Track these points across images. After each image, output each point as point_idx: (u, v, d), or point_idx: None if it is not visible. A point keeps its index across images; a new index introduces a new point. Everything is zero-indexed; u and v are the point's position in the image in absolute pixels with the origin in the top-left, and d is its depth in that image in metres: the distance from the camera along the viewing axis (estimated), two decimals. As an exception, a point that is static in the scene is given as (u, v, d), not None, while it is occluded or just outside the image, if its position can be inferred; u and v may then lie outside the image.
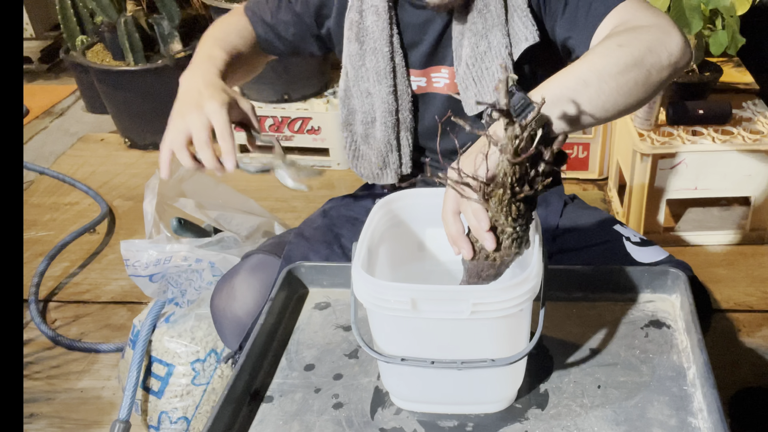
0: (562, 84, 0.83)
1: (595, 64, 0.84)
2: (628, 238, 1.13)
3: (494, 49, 1.07)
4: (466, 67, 1.09)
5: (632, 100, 0.86)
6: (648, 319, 0.94)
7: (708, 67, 2.14)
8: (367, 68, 1.15)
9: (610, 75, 0.83)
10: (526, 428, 0.80)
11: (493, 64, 1.08)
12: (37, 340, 1.92)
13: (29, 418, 1.69)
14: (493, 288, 0.75)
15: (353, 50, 1.16)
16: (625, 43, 0.86)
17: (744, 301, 1.95)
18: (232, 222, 1.67)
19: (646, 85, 0.86)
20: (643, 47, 0.86)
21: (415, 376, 0.80)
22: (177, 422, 1.51)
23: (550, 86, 0.84)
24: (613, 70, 0.84)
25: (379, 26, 1.12)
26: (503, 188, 0.73)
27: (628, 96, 0.85)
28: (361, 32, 1.14)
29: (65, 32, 2.97)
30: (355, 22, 1.14)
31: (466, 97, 1.10)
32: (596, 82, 0.83)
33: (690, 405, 0.80)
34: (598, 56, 0.86)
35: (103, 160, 2.87)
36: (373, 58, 1.14)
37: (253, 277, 1.16)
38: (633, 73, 0.84)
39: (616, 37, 0.88)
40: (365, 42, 1.14)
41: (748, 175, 2.04)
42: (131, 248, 1.50)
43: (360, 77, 1.17)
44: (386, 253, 0.89)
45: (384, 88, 1.15)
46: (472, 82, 1.09)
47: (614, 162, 2.36)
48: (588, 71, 0.84)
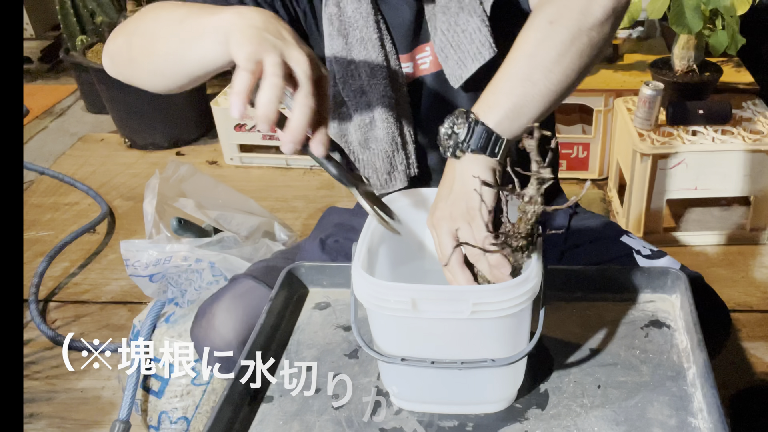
0: (510, 92, 0.81)
1: (534, 57, 0.81)
2: (638, 251, 1.11)
3: (467, 7, 1.01)
4: (442, 35, 1.02)
5: (584, 68, 0.83)
6: (648, 319, 0.93)
7: (708, 67, 2.14)
8: (357, 63, 1.06)
9: (552, 62, 0.81)
10: (526, 428, 0.80)
11: (470, 25, 1.01)
12: (37, 340, 1.92)
13: (29, 418, 1.69)
14: (493, 288, 0.75)
15: (337, 47, 1.05)
16: (555, 18, 0.82)
17: (744, 301, 1.95)
18: (232, 222, 1.67)
19: (593, 47, 0.83)
20: (575, 13, 0.82)
21: (415, 376, 0.80)
22: (177, 422, 1.51)
23: (498, 100, 0.81)
24: (554, 55, 0.81)
25: (362, 13, 1.03)
26: (531, 237, 0.76)
27: (579, 69, 0.82)
28: (344, 24, 1.04)
29: (65, 32, 2.97)
30: (335, 16, 1.04)
31: (447, 68, 1.04)
32: (542, 76, 0.80)
33: (690, 405, 0.80)
34: (533, 45, 0.82)
35: (103, 160, 2.87)
36: (363, 50, 1.04)
37: (236, 305, 1.07)
38: (575, 47, 0.81)
39: (544, 12, 0.84)
40: (350, 34, 1.04)
41: (748, 175, 2.04)
42: (131, 248, 1.50)
43: (349, 76, 1.06)
44: (386, 253, 0.89)
45: (380, 80, 1.06)
46: (450, 49, 1.03)
47: (614, 162, 2.36)
48: (530, 67, 0.81)
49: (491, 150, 0.80)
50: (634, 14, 2.00)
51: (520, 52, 0.82)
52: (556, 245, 1.15)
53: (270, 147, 2.70)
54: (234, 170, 2.74)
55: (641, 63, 2.41)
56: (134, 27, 0.91)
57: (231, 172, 2.72)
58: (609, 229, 1.19)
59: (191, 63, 0.81)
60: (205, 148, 2.92)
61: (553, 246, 1.14)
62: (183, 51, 0.81)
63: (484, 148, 0.80)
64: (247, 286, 1.10)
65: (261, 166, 2.72)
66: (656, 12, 1.93)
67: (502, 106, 0.80)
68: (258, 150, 2.75)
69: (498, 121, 0.80)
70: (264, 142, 2.70)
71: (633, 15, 2.00)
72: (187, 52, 0.81)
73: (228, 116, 2.66)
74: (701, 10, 1.88)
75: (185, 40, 0.81)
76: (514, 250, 0.77)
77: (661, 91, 2.01)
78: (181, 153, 2.92)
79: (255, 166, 2.75)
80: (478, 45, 1.00)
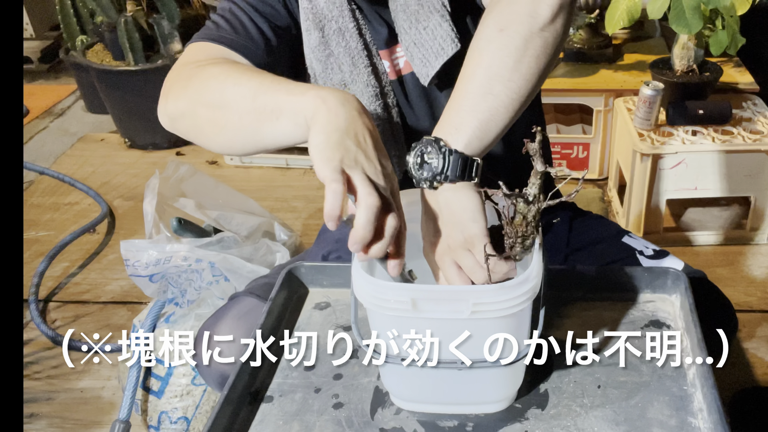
0: (473, 109, 0.79)
1: (490, 68, 0.79)
2: (641, 252, 1.10)
3: (426, 4, 0.99)
4: (405, 34, 1.01)
5: (544, 69, 0.81)
6: (648, 319, 0.93)
7: (708, 67, 2.14)
8: (336, 55, 1.03)
9: (510, 70, 0.79)
10: (526, 428, 0.80)
11: (431, 21, 0.98)
12: (37, 340, 1.92)
13: (29, 418, 1.69)
14: (493, 288, 0.75)
15: (314, 41, 1.02)
16: (504, 24, 0.80)
17: (744, 301, 1.95)
18: (232, 222, 1.67)
19: (548, 47, 0.81)
20: (523, 17, 0.80)
21: (415, 376, 0.80)
22: (177, 422, 1.51)
23: (463, 120, 0.79)
24: (510, 63, 0.79)
25: (336, 3, 1.01)
26: (532, 234, 0.77)
27: (538, 72, 0.80)
28: (318, 17, 1.01)
29: (65, 32, 2.97)
30: (308, 9, 1.01)
31: (415, 67, 1.02)
32: (502, 87, 0.78)
33: (690, 405, 0.80)
34: (487, 56, 0.80)
35: (103, 160, 2.87)
36: (341, 40, 1.02)
37: (239, 326, 1.02)
38: (529, 50, 0.79)
39: (492, 19, 0.81)
40: (326, 26, 1.02)
41: (748, 175, 2.04)
42: (131, 248, 1.50)
43: (329, 69, 1.04)
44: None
45: (362, 69, 1.03)
46: (414, 48, 1.01)
47: (614, 162, 2.36)
48: (488, 80, 0.79)
49: (468, 175, 0.79)
50: (634, 14, 2.00)
51: (475, 64, 0.80)
52: (559, 250, 1.15)
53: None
54: (234, 170, 2.74)
55: (641, 63, 2.41)
56: (198, 94, 0.88)
57: (231, 172, 2.72)
58: (610, 230, 1.18)
59: (266, 140, 0.82)
60: (205, 148, 2.92)
61: (556, 251, 1.14)
62: (258, 128, 0.81)
63: (462, 175, 0.78)
64: (250, 304, 1.06)
65: (261, 166, 2.72)
66: (656, 12, 1.93)
67: (468, 125, 0.78)
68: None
69: (467, 142, 0.78)
70: (264, 142, 2.69)
71: (633, 15, 2.00)
72: (263, 130, 0.81)
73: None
74: (701, 10, 1.88)
75: (260, 119, 0.80)
76: (510, 247, 0.78)
77: (661, 91, 2.01)
78: (181, 153, 2.92)
79: (255, 166, 2.74)
80: (440, 41, 0.99)
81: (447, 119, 0.80)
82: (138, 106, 2.83)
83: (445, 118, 0.80)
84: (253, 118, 0.81)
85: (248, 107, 0.82)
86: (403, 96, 1.08)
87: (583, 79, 2.33)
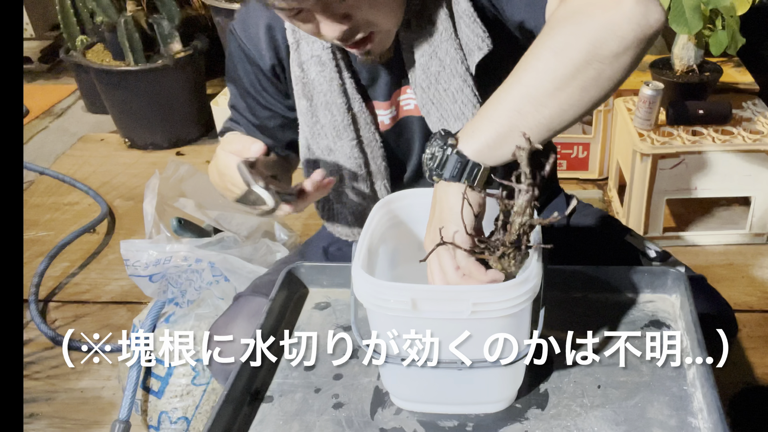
0: (495, 120, 0.75)
1: (527, 87, 0.74)
2: (643, 253, 1.09)
3: (448, 67, 0.97)
4: (422, 90, 1.00)
5: (590, 102, 0.75)
6: (648, 319, 0.94)
7: (708, 67, 2.14)
8: (323, 124, 1.04)
9: (547, 95, 0.73)
10: (526, 428, 0.80)
11: (452, 84, 0.97)
12: (37, 340, 1.92)
13: (29, 418, 1.69)
14: (493, 288, 0.75)
15: (303, 107, 1.04)
16: (560, 48, 0.73)
17: (744, 301, 1.94)
18: (232, 222, 1.67)
19: (601, 80, 0.73)
20: (584, 44, 0.72)
21: (415, 376, 0.80)
22: (177, 422, 1.51)
23: (482, 127, 0.76)
24: (550, 88, 0.73)
25: (326, 77, 1.00)
26: (519, 247, 0.75)
27: (581, 104, 0.74)
28: (308, 87, 1.02)
29: (65, 32, 2.97)
30: (299, 78, 1.02)
31: (430, 122, 1.02)
32: (532, 109, 0.74)
33: (690, 405, 0.80)
34: (530, 74, 0.75)
35: (103, 160, 2.87)
36: (328, 113, 1.03)
37: (252, 325, 1.00)
38: (578, 81, 0.73)
39: (551, 38, 0.75)
40: (314, 97, 1.03)
41: (748, 175, 2.04)
42: (131, 248, 1.50)
43: (317, 134, 1.05)
44: (386, 253, 0.89)
45: (346, 142, 1.04)
46: (432, 106, 1.00)
47: (614, 162, 2.36)
48: (521, 98, 0.74)
49: (467, 178, 0.77)
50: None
51: (515, 79, 0.76)
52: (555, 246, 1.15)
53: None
54: (234, 170, 2.74)
55: (641, 63, 2.41)
56: None
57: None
58: (610, 228, 1.18)
59: None
60: (205, 148, 2.92)
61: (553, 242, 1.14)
62: None
63: (458, 177, 0.77)
64: (259, 303, 1.05)
65: (261, 166, 2.71)
66: (656, 12, 1.93)
67: (483, 133, 0.76)
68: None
69: (477, 149, 0.77)
70: (264, 142, 2.69)
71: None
72: None
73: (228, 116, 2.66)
74: (701, 10, 1.88)
75: None
76: (500, 257, 0.76)
77: (661, 91, 2.01)
78: (181, 153, 2.92)
79: (255, 166, 2.74)
80: (461, 105, 0.98)
81: (471, 121, 0.79)
82: (138, 106, 2.83)
83: (471, 120, 0.80)
84: None
85: None
86: (402, 136, 1.08)
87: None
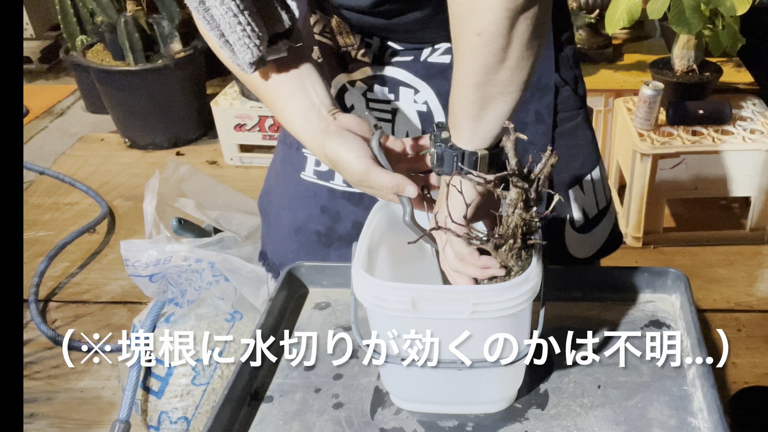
0: (465, 112, 0.74)
1: (471, 68, 0.71)
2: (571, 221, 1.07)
3: None
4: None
5: (535, 55, 0.72)
6: (648, 319, 0.94)
7: (708, 67, 2.14)
8: None
9: (493, 69, 0.71)
10: (526, 428, 0.80)
11: None
12: (37, 340, 1.92)
13: (29, 418, 1.69)
14: (493, 288, 0.75)
15: None
16: (481, 29, 0.69)
17: (744, 301, 1.95)
18: (232, 222, 1.67)
19: (535, 29, 0.69)
20: (499, 15, 0.67)
21: (415, 376, 0.80)
22: (177, 422, 1.51)
23: (459, 123, 0.75)
24: (494, 61, 0.70)
25: None
26: (514, 238, 0.75)
27: (527, 60, 0.71)
28: None
29: (65, 32, 2.97)
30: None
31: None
32: (486, 81, 0.71)
33: (690, 405, 0.80)
34: (465, 61, 0.72)
35: (103, 160, 2.87)
36: None
37: None
38: (514, 42, 0.69)
39: (470, 22, 0.71)
40: None
41: (748, 175, 2.04)
42: (131, 248, 1.50)
43: None
44: (386, 253, 0.89)
45: None
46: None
47: (614, 162, 2.36)
48: (472, 80, 0.72)
49: (469, 167, 0.76)
50: (634, 14, 2.00)
51: (458, 71, 0.74)
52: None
53: (270, 147, 2.70)
54: (234, 170, 2.74)
55: (641, 63, 2.41)
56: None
57: (231, 172, 2.72)
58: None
59: None
60: (205, 148, 2.93)
61: None
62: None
63: (459, 168, 0.76)
64: None
65: (261, 166, 2.72)
66: (656, 12, 1.93)
67: (463, 126, 0.75)
68: (258, 150, 2.75)
69: (467, 137, 0.76)
70: (264, 142, 2.70)
71: (633, 15, 2.00)
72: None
73: (228, 116, 2.67)
74: (701, 10, 1.88)
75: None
76: (495, 248, 0.76)
77: (661, 91, 2.01)
78: (181, 153, 2.92)
79: (255, 166, 2.75)
80: None
81: (448, 116, 0.78)
82: (138, 106, 2.83)
83: (448, 115, 0.79)
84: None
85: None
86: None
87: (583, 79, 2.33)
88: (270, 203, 1.17)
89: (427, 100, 1.00)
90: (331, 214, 1.08)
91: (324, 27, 1.00)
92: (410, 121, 1.02)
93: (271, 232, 1.17)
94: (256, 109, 2.62)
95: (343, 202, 1.06)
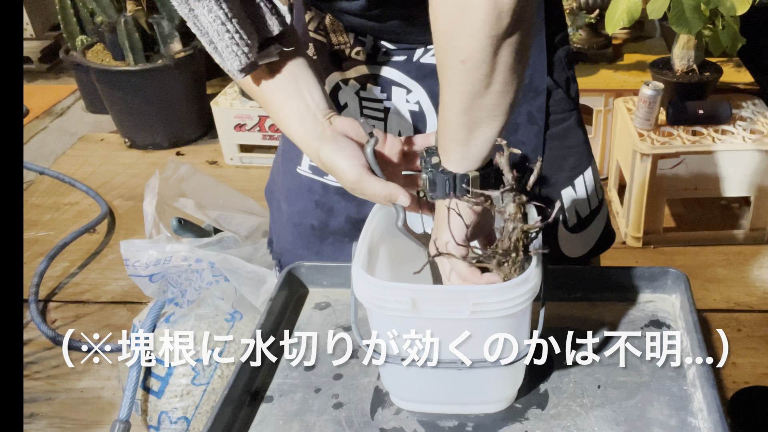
0: (454, 136, 0.74)
1: (458, 94, 0.71)
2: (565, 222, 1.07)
3: None
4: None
5: (519, 77, 0.71)
6: (648, 319, 0.94)
7: (708, 67, 2.14)
8: None
9: (479, 93, 0.70)
10: (526, 428, 0.80)
11: None
12: (37, 340, 1.92)
13: (29, 418, 1.69)
14: (493, 288, 0.75)
15: None
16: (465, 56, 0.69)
17: (744, 301, 1.95)
18: (232, 222, 1.67)
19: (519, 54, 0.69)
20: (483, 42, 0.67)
21: (415, 376, 0.80)
22: (177, 422, 1.51)
23: (449, 147, 0.75)
24: (479, 87, 0.70)
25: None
26: (516, 252, 0.75)
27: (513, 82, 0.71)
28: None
29: (65, 32, 2.97)
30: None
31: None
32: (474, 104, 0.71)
33: (690, 405, 0.80)
34: (452, 88, 0.72)
35: (103, 160, 2.87)
36: None
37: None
38: (498, 68, 0.69)
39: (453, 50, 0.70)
40: None
41: (748, 175, 2.04)
42: (131, 248, 1.50)
43: None
44: (386, 253, 0.89)
45: None
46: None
47: (614, 162, 2.36)
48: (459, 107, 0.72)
49: (461, 189, 0.76)
50: (634, 14, 2.00)
51: (444, 98, 0.73)
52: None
53: (270, 147, 2.70)
54: (234, 170, 2.74)
55: (641, 63, 2.41)
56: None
57: (231, 172, 2.72)
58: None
59: None
60: (205, 148, 2.93)
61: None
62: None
63: (451, 191, 0.76)
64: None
65: (261, 166, 2.72)
66: (656, 12, 1.93)
67: (452, 150, 0.75)
68: (258, 150, 2.75)
69: (456, 161, 0.76)
70: (264, 142, 2.70)
71: (633, 15, 2.00)
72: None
73: (228, 116, 2.67)
74: (701, 10, 1.88)
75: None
76: (498, 265, 0.77)
77: (661, 91, 2.01)
78: (181, 153, 2.92)
79: (255, 166, 2.74)
80: None
81: (438, 141, 0.78)
82: (138, 106, 2.83)
83: (438, 140, 0.78)
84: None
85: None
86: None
87: (583, 79, 2.33)
88: (273, 193, 1.19)
89: (419, 100, 1.00)
90: (325, 209, 1.09)
91: (318, 24, 1.01)
92: (403, 120, 1.02)
93: (275, 221, 1.19)
94: (256, 109, 2.62)
95: (337, 197, 1.07)
